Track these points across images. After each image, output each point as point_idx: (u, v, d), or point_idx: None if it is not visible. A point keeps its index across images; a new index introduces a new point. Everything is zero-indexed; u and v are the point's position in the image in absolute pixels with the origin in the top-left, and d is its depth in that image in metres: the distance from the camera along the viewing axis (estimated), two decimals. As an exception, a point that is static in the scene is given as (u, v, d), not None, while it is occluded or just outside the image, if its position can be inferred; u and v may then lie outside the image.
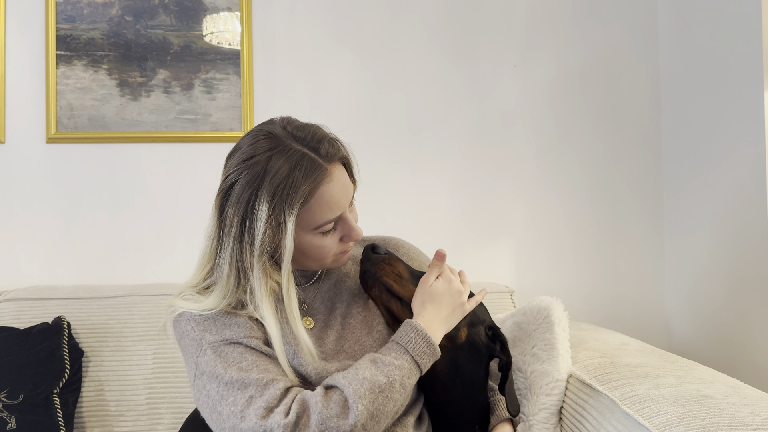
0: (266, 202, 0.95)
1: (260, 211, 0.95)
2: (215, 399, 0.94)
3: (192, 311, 1.02)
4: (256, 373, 0.94)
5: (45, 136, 1.86)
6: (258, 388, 0.92)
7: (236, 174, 0.97)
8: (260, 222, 0.95)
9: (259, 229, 0.95)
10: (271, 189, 0.94)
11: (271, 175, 0.95)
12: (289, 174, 0.95)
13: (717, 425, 0.90)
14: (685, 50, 1.87)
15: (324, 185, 0.97)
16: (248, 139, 1.01)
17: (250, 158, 0.97)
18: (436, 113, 1.96)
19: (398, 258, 1.11)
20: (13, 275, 1.84)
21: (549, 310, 1.29)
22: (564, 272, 1.98)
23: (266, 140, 0.98)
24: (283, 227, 0.95)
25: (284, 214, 0.95)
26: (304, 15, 1.93)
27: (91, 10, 1.88)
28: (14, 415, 1.40)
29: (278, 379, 0.93)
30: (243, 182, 0.96)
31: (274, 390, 0.92)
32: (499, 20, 1.98)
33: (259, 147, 0.97)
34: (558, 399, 1.21)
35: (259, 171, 0.95)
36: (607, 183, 1.99)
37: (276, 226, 0.96)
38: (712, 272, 1.76)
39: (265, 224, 0.95)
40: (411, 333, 0.98)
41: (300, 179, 0.95)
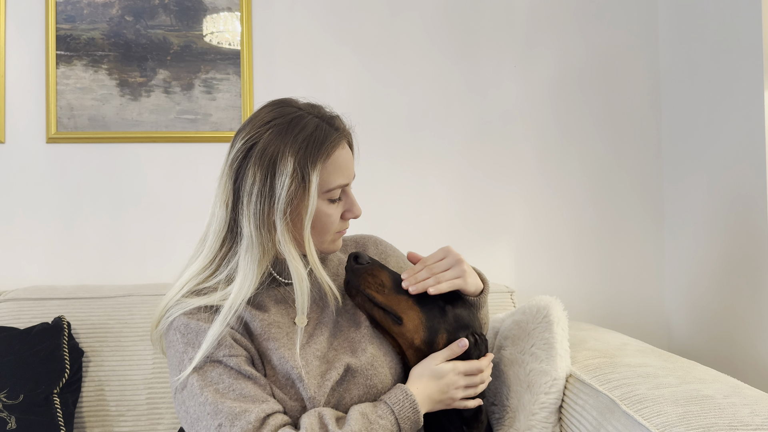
0: (291, 156, 0.99)
1: (285, 166, 0.98)
2: (193, 417, 0.95)
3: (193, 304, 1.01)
4: (230, 400, 0.94)
5: (45, 136, 1.86)
6: (228, 418, 0.92)
7: (258, 135, 1.01)
8: (285, 176, 0.98)
9: (284, 183, 0.98)
10: (296, 144, 0.99)
11: (296, 132, 1.00)
12: (313, 132, 1.01)
13: (717, 425, 0.90)
14: (685, 50, 1.87)
15: (339, 149, 1.04)
16: (266, 108, 1.06)
17: (272, 120, 1.02)
18: (436, 113, 1.96)
19: (381, 266, 1.10)
20: (13, 275, 1.84)
21: (548, 310, 1.29)
22: (564, 272, 1.98)
23: (284, 107, 1.05)
24: (308, 182, 1.00)
25: (308, 168, 0.99)
26: (304, 15, 1.93)
27: (91, 10, 1.88)
28: (14, 415, 1.40)
29: (250, 410, 0.93)
30: (266, 140, 1.00)
31: (244, 423, 0.91)
32: (499, 20, 1.98)
33: (281, 111, 1.03)
34: (556, 398, 1.21)
35: (283, 129, 1.00)
36: (607, 183, 1.99)
37: (300, 180, 0.99)
38: (712, 272, 1.76)
39: (290, 178, 0.98)
40: (401, 396, 1.01)
41: (321, 138, 1.01)
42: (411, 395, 1.00)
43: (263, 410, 0.94)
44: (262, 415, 0.93)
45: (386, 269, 1.10)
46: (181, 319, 1.01)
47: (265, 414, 0.94)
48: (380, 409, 0.99)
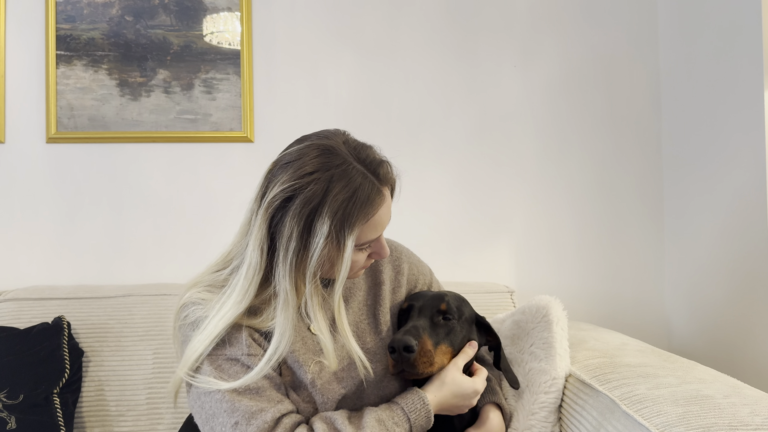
0: (328, 219, 0.95)
1: (321, 228, 0.95)
2: (209, 413, 0.95)
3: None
4: (246, 399, 0.94)
5: (45, 136, 1.86)
6: (245, 417, 0.93)
7: (299, 187, 0.96)
8: (321, 238, 0.95)
9: (318, 244, 0.95)
10: (333, 207, 0.95)
11: (335, 193, 0.95)
12: (353, 195, 0.96)
13: (717, 425, 0.90)
14: (685, 50, 1.87)
15: (379, 209, 1.00)
16: (308, 151, 0.99)
17: (312, 173, 0.96)
18: (436, 113, 1.96)
19: (422, 333, 1.07)
20: (13, 275, 1.84)
21: (548, 309, 1.29)
22: (564, 272, 1.97)
23: (329, 156, 0.98)
24: (342, 246, 0.96)
25: (344, 233, 0.96)
26: (304, 15, 1.93)
27: (91, 10, 1.88)
28: (14, 415, 1.40)
29: (266, 410, 0.94)
30: (306, 195, 0.95)
31: (260, 422, 0.92)
32: (499, 20, 1.98)
33: (322, 162, 0.97)
34: (556, 397, 1.22)
35: (323, 188, 0.95)
36: (607, 183, 1.99)
37: (334, 243, 0.96)
38: (712, 272, 1.76)
39: (325, 240, 0.95)
40: (418, 405, 1.02)
41: (362, 202, 0.96)
42: (428, 405, 1.02)
43: (279, 410, 0.95)
44: (278, 415, 0.95)
45: (426, 330, 1.08)
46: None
47: (280, 414, 0.95)
48: (397, 415, 1.00)
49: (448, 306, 1.12)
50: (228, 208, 1.91)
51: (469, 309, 1.18)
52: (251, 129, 1.90)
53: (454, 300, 1.15)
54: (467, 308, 1.17)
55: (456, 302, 1.15)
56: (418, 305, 1.13)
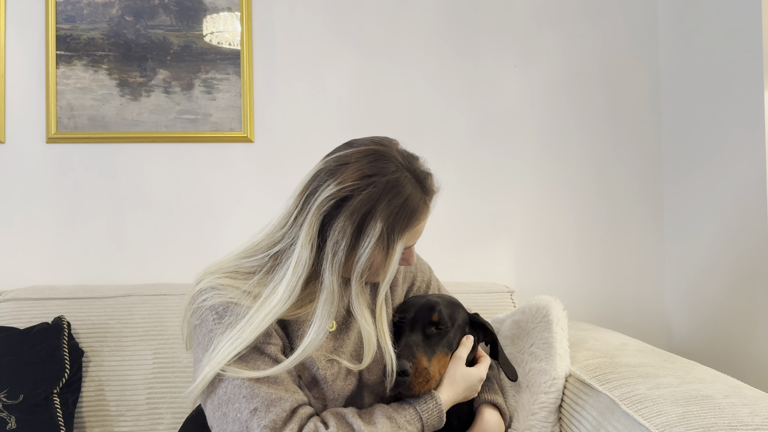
0: (380, 222, 0.99)
1: (373, 230, 0.99)
2: (223, 398, 0.95)
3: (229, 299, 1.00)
4: (265, 386, 0.95)
5: (45, 136, 1.86)
6: (264, 404, 0.93)
7: (354, 189, 0.99)
8: (372, 239, 0.98)
9: (368, 245, 0.99)
10: (387, 212, 0.99)
11: (389, 198, 0.99)
12: (404, 202, 1.01)
13: (717, 425, 0.90)
14: (685, 50, 1.87)
15: (424, 219, 1.06)
16: (365, 155, 1.03)
17: (372, 176, 1.00)
18: (435, 113, 1.96)
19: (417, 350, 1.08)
20: (13, 275, 1.84)
21: (547, 309, 1.29)
22: (564, 272, 1.97)
23: (386, 162, 1.02)
24: (391, 249, 1.01)
25: (394, 237, 1.00)
26: (304, 15, 1.93)
27: (91, 10, 1.88)
28: (14, 415, 1.40)
29: (285, 398, 0.95)
30: (362, 198, 0.99)
31: (279, 410, 0.94)
32: (499, 20, 1.98)
33: (380, 167, 1.01)
34: (556, 397, 1.22)
35: (379, 192, 0.99)
36: (607, 183, 1.99)
37: (383, 246, 1.00)
38: (712, 272, 1.76)
39: (375, 242, 0.99)
40: (431, 404, 1.03)
41: (411, 210, 1.02)
42: (440, 405, 1.03)
43: (296, 400, 0.97)
44: (295, 405, 0.96)
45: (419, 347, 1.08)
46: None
47: (297, 404, 0.96)
48: (409, 414, 1.01)
49: (440, 316, 1.12)
50: (228, 207, 1.91)
51: (462, 313, 1.17)
52: (251, 129, 1.90)
53: (446, 308, 1.14)
54: (460, 313, 1.17)
55: (448, 309, 1.14)
56: (410, 317, 1.12)
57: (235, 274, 1.04)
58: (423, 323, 1.11)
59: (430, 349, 1.08)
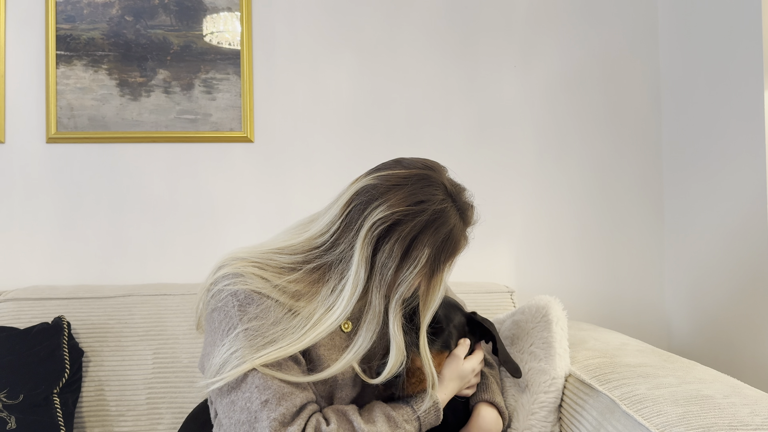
0: (428, 249, 1.00)
1: (420, 255, 1.00)
2: (232, 385, 0.96)
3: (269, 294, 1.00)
4: (278, 380, 0.96)
5: (45, 136, 1.86)
6: (275, 397, 0.94)
7: (406, 215, 1.00)
8: (417, 265, 1.00)
9: (413, 270, 1.00)
10: (434, 239, 1.01)
11: (437, 226, 1.01)
12: (450, 232, 1.02)
13: (717, 425, 0.90)
14: (685, 50, 1.87)
15: (462, 250, 1.08)
16: (418, 179, 1.03)
17: (423, 202, 1.01)
18: (436, 113, 1.96)
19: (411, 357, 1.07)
20: (13, 275, 1.84)
21: (547, 309, 1.29)
22: (564, 272, 1.97)
23: (437, 190, 1.03)
24: (436, 276, 1.02)
25: (439, 264, 1.02)
26: (304, 15, 1.93)
27: (91, 10, 1.88)
28: (14, 415, 1.40)
29: (296, 394, 0.96)
30: (414, 224, 1.00)
31: (290, 405, 0.94)
32: (499, 20, 1.98)
33: (431, 194, 1.02)
34: (555, 397, 1.22)
35: (430, 219, 1.00)
36: (607, 183, 1.99)
37: (426, 272, 1.01)
38: (712, 272, 1.76)
39: (421, 268, 1.00)
40: (429, 404, 1.04)
41: (455, 240, 1.03)
42: (437, 403, 1.04)
43: (306, 397, 0.97)
44: (305, 401, 0.97)
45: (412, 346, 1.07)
46: None
47: (306, 401, 0.97)
48: (406, 413, 1.02)
49: (436, 315, 1.12)
50: (228, 207, 1.91)
51: (459, 314, 1.17)
52: (251, 129, 1.90)
53: (442, 307, 1.14)
54: (457, 313, 1.17)
55: (444, 310, 1.15)
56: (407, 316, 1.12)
57: (265, 266, 1.03)
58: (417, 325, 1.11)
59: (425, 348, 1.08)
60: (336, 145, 1.93)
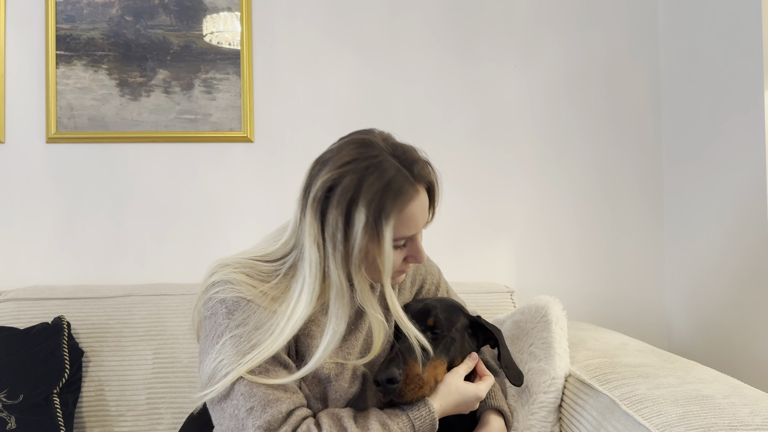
0: (364, 208, 0.96)
1: (359, 217, 0.96)
2: (222, 393, 0.96)
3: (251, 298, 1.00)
4: (264, 386, 0.96)
5: (45, 136, 1.86)
6: (261, 404, 0.94)
7: (337, 176, 0.98)
8: (359, 227, 0.96)
9: (358, 234, 0.97)
10: (368, 196, 0.97)
11: (369, 182, 0.97)
12: (387, 185, 0.97)
13: (717, 425, 0.90)
14: (685, 50, 1.87)
15: (413, 202, 1.01)
16: (347, 144, 1.02)
17: (349, 162, 0.98)
18: (436, 113, 1.96)
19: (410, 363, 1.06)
20: (13, 275, 1.84)
21: (547, 309, 1.29)
22: (564, 272, 1.97)
23: (367, 148, 1.01)
24: (381, 236, 0.98)
25: (381, 223, 0.97)
26: (304, 15, 1.93)
27: (91, 10, 1.88)
28: (14, 415, 1.40)
29: (282, 399, 0.96)
30: (344, 184, 0.97)
31: (276, 411, 0.94)
32: (499, 20, 1.98)
33: (360, 153, 1.00)
34: (555, 397, 1.21)
35: (359, 177, 0.97)
36: (607, 183, 1.99)
37: (373, 234, 0.98)
38: (712, 272, 1.76)
39: (363, 230, 0.97)
40: (424, 412, 1.02)
41: (395, 192, 0.98)
42: (433, 413, 1.03)
43: (294, 402, 0.97)
44: (292, 407, 0.96)
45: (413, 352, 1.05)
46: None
47: (294, 406, 0.97)
48: (402, 421, 1.01)
49: (436, 320, 1.11)
50: (228, 207, 1.91)
51: (461, 316, 1.16)
52: (251, 129, 1.90)
53: (443, 311, 1.13)
54: (459, 316, 1.16)
55: (445, 313, 1.13)
56: None
57: (251, 271, 1.04)
58: (418, 328, 1.09)
59: (425, 355, 1.07)
60: (336, 145, 1.93)
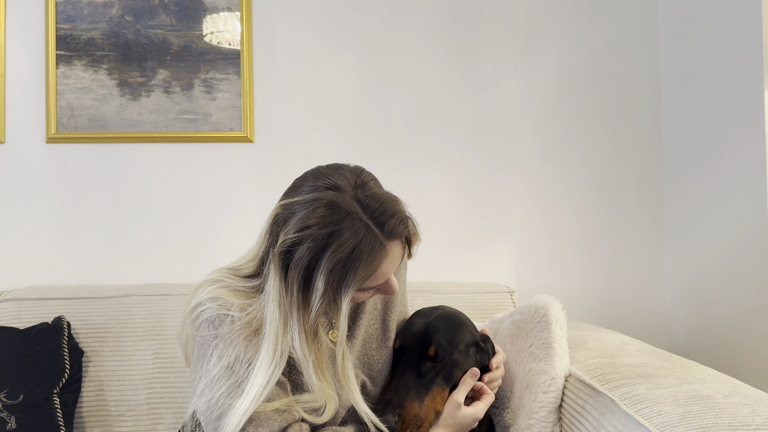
0: (323, 277, 0.91)
1: (317, 285, 0.92)
2: (218, 414, 0.96)
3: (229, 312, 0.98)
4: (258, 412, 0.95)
5: (45, 136, 1.86)
6: (252, 424, 0.94)
7: (297, 240, 0.92)
8: (317, 294, 0.92)
9: (315, 301, 0.93)
10: (329, 266, 0.91)
11: (331, 251, 0.91)
12: (350, 254, 0.91)
13: (717, 425, 0.90)
14: (685, 50, 1.87)
15: (382, 263, 0.95)
16: (314, 203, 0.93)
17: (312, 226, 0.91)
18: (436, 113, 1.96)
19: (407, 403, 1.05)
20: (13, 275, 1.84)
21: (546, 309, 1.29)
22: (564, 272, 1.97)
23: (333, 211, 0.92)
24: (339, 305, 0.94)
25: (340, 294, 0.93)
26: (304, 15, 1.93)
27: (91, 10, 1.88)
28: (14, 415, 1.40)
29: (273, 419, 0.95)
30: (301, 253, 0.92)
31: (267, 430, 0.94)
32: (499, 20, 1.97)
33: (323, 218, 0.92)
34: (555, 397, 1.21)
35: (322, 246, 0.91)
36: (607, 183, 1.99)
37: (331, 302, 0.94)
38: (712, 272, 1.76)
39: (321, 299, 0.92)
40: None
41: (359, 259, 0.92)
42: None
43: (286, 420, 0.96)
44: (284, 425, 0.95)
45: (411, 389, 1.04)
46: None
47: (287, 423, 0.96)
48: None
49: (438, 347, 1.09)
50: (228, 208, 1.91)
51: (466, 334, 1.14)
52: (251, 129, 1.90)
53: (446, 335, 1.10)
54: (463, 333, 1.14)
55: (448, 336, 1.11)
56: (407, 346, 1.10)
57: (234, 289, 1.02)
58: (418, 357, 1.08)
59: (424, 389, 1.06)
60: (336, 145, 1.93)
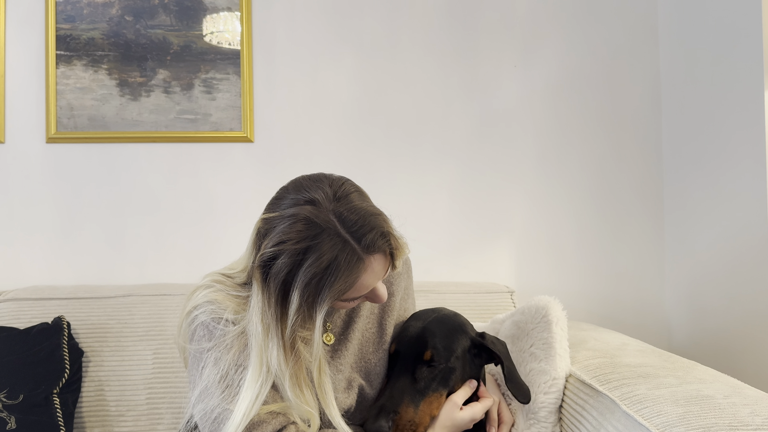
0: (298, 292, 0.92)
1: (293, 299, 0.92)
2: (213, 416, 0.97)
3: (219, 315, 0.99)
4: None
5: (45, 136, 1.86)
6: (247, 428, 0.94)
7: (274, 253, 0.93)
8: (293, 308, 0.92)
9: (291, 315, 0.93)
10: (304, 281, 0.91)
11: (306, 266, 0.91)
12: (325, 270, 0.91)
13: (717, 425, 0.90)
14: (685, 50, 1.87)
15: (361, 276, 0.94)
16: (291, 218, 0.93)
17: (285, 242, 0.91)
18: (436, 113, 1.96)
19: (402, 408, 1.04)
20: (13, 275, 1.84)
21: (547, 309, 1.29)
22: (564, 272, 1.97)
23: (309, 226, 0.92)
24: (314, 318, 0.94)
25: (315, 307, 0.93)
26: (304, 15, 1.93)
27: (91, 10, 1.88)
28: (14, 415, 1.40)
29: (267, 422, 0.95)
30: (280, 264, 0.92)
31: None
32: (499, 20, 1.97)
33: (299, 234, 0.91)
34: (556, 397, 1.21)
35: (298, 261, 0.91)
36: (608, 183, 1.99)
37: (305, 315, 0.94)
38: (712, 273, 1.76)
39: (296, 312, 0.93)
40: None
41: (338, 276, 0.91)
42: None
43: (280, 423, 0.96)
44: (278, 427, 0.96)
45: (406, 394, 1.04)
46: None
47: (281, 426, 0.96)
48: None
49: (434, 352, 1.08)
50: (228, 207, 1.91)
51: (463, 339, 1.13)
52: (251, 129, 1.90)
53: (442, 339, 1.10)
54: (461, 340, 1.13)
55: (444, 341, 1.10)
56: (403, 351, 1.09)
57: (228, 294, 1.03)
58: (414, 361, 1.08)
59: (420, 394, 1.05)
60: (336, 145, 1.93)
